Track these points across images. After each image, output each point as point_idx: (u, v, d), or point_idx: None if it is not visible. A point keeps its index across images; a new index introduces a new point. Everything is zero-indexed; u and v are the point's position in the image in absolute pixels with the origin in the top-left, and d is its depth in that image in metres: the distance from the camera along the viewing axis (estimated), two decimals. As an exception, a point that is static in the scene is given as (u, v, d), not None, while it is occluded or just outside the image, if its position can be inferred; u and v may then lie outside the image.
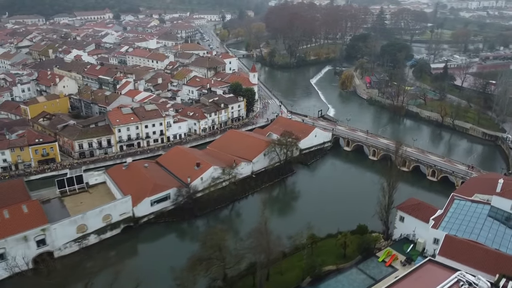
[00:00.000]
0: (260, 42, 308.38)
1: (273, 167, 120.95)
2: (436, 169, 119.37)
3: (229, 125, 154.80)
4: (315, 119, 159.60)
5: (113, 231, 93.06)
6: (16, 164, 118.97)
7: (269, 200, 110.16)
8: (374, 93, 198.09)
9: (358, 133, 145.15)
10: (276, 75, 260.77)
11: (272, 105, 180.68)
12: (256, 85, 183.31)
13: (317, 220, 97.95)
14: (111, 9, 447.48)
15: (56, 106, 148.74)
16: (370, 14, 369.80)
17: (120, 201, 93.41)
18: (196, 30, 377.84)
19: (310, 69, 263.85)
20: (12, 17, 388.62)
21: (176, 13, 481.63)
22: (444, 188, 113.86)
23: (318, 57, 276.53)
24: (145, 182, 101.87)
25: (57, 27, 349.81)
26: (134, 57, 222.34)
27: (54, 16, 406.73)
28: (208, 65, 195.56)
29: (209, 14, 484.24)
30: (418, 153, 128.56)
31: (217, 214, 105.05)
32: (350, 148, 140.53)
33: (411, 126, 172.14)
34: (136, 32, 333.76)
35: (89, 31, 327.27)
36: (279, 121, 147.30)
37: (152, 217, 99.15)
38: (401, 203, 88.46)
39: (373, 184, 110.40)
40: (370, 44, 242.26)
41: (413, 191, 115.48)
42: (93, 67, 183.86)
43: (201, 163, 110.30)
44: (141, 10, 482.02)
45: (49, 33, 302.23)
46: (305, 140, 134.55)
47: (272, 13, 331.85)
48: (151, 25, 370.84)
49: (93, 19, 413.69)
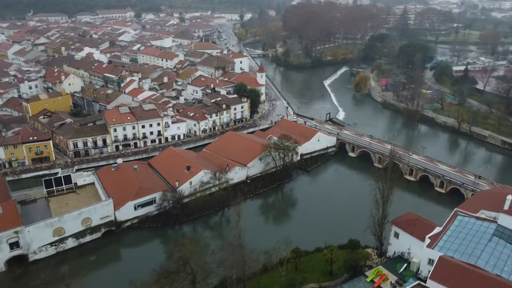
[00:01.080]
0: (277, 42, 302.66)
1: (269, 172, 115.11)
2: (444, 180, 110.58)
3: (231, 126, 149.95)
4: (321, 122, 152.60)
5: (93, 235, 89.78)
6: (9, 162, 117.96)
7: (260, 208, 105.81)
8: (389, 96, 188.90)
9: (364, 138, 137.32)
10: (290, 75, 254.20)
11: (279, 107, 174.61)
12: (264, 85, 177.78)
13: (308, 232, 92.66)
14: (133, 8, 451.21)
15: (58, 103, 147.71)
16: (392, 13, 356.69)
17: (100, 204, 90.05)
18: (214, 29, 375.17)
19: (326, 70, 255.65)
20: (37, 15, 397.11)
21: (197, 12, 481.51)
22: (452, 201, 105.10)
23: (334, 58, 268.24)
24: (130, 185, 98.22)
25: (78, 25, 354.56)
26: (145, 55, 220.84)
27: (76, 14, 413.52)
28: (216, 64, 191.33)
29: (230, 13, 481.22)
30: (426, 162, 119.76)
31: (206, 220, 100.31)
32: (355, 154, 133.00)
33: (425, 132, 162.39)
34: (153, 31, 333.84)
35: (108, 29, 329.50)
36: (281, 123, 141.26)
37: (135, 221, 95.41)
38: (397, 218, 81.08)
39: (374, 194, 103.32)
40: (388, 44, 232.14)
41: (419, 203, 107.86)
42: (100, 65, 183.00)
43: (191, 166, 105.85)
44: (162, 8, 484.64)
45: (68, 31, 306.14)
46: (307, 144, 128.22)
47: (289, 12, 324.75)
48: (169, 24, 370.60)
49: (114, 17, 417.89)
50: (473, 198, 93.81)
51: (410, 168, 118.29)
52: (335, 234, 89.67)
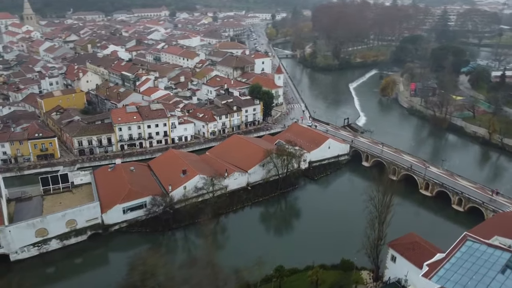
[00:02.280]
0: (307, 42, 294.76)
1: (270, 180, 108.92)
2: (463, 197, 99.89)
3: (242, 129, 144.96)
4: (337, 128, 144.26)
5: (78, 238, 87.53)
6: (15, 157, 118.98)
7: (255, 218, 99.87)
8: (416, 102, 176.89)
9: (380, 147, 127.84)
10: (316, 77, 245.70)
11: (296, 110, 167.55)
12: (281, 87, 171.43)
13: (302, 247, 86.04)
14: (168, 7, 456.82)
15: (71, 100, 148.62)
16: (431, 14, 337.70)
17: (86, 206, 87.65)
18: (245, 29, 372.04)
19: (354, 72, 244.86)
20: (76, 13, 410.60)
21: (231, 11, 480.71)
22: (470, 221, 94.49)
23: (364, 60, 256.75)
24: (121, 187, 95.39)
25: (113, 23, 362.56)
26: (168, 54, 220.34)
27: (113, 12, 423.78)
28: (234, 64, 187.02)
29: (264, 13, 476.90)
30: (445, 176, 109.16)
31: (198, 228, 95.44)
32: (369, 164, 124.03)
33: (452, 142, 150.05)
34: (184, 30, 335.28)
35: (140, 28, 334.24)
36: (292, 128, 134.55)
37: (124, 225, 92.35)
38: (395, 240, 72.74)
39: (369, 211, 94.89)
40: (421, 46, 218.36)
41: (432, 221, 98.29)
42: (119, 63, 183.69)
43: (187, 170, 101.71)
44: (197, 8, 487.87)
45: (101, 29, 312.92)
46: (316, 151, 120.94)
47: (320, 12, 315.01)
48: (200, 23, 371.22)
49: (149, 16, 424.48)
50: (490, 220, 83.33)
51: (426, 182, 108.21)
52: (331, 251, 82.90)
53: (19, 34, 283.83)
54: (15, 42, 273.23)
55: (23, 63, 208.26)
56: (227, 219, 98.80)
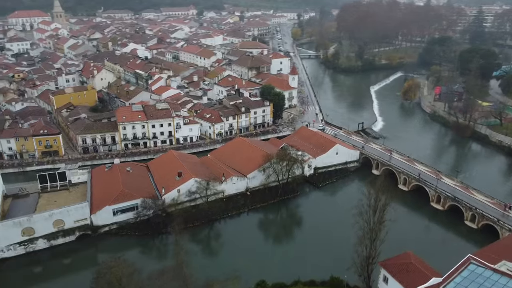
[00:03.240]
0: (331, 43, 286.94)
1: (271, 185, 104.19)
2: (476, 213, 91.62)
3: (250, 131, 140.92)
4: (349, 133, 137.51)
5: (66, 238, 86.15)
6: (21, 153, 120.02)
7: (248, 226, 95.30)
8: (439, 107, 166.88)
9: (393, 154, 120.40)
10: (336, 79, 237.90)
11: (310, 113, 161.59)
12: (295, 88, 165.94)
13: (294, 260, 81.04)
14: (196, 6, 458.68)
15: (82, 98, 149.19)
16: (464, 15, 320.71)
17: (74, 206, 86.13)
18: (270, 28, 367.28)
19: (378, 74, 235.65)
20: (106, 11, 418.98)
21: (259, 10, 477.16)
22: (484, 240, 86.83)
23: (389, 62, 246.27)
24: (114, 188, 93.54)
25: (140, 22, 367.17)
26: (186, 53, 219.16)
27: (142, 11, 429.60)
28: (249, 64, 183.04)
29: (292, 12, 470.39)
30: (460, 189, 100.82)
31: (190, 233, 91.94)
32: (379, 172, 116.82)
33: (474, 152, 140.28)
34: (208, 29, 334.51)
35: (166, 26, 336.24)
36: (301, 132, 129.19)
37: (114, 227, 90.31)
38: (389, 259, 66.54)
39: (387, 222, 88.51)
40: (449, 48, 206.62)
41: (442, 238, 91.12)
42: (134, 61, 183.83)
43: (183, 172, 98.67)
44: (225, 7, 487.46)
45: (127, 27, 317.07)
46: (323, 157, 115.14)
47: (345, 11, 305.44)
48: (225, 22, 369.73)
49: (176, 15, 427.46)
50: (502, 241, 75.39)
51: (437, 194, 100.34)
52: (324, 266, 77.70)
53: (47, 31, 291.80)
54: (43, 39, 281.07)
55: (46, 60, 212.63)
56: (220, 226, 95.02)
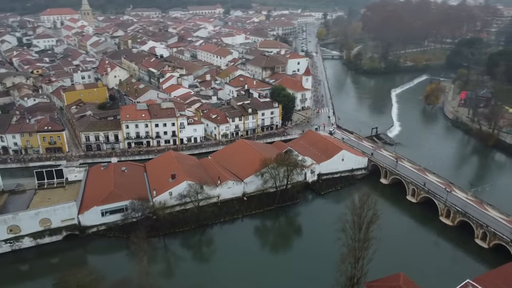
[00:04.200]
0: (356, 43, 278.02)
1: (269, 191, 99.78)
2: (488, 231, 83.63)
3: (258, 133, 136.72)
4: (360, 138, 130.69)
5: (52, 237, 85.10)
6: (25, 149, 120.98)
7: (238, 234, 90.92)
8: (463, 113, 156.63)
9: (404, 163, 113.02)
10: (358, 81, 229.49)
11: (323, 115, 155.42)
12: (309, 90, 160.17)
13: (281, 274, 76.42)
14: (223, 5, 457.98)
15: (93, 95, 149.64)
16: (500, 15, 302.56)
17: (61, 206, 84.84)
18: (295, 28, 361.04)
19: (403, 77, 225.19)
20: (134, 9, 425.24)
21: (287, 9, 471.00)
22: (495, 261, 79.50)
23: (415, 64, 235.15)
24: (105, 188, 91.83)
25: (166, 20, 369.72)
26: (203, 51, 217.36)
27: (169, 9, 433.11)
28: (264, 64, 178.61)
29: (320, 11, 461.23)
30: (473, 204, 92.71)
31: (180, 238, 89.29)
32: (388, 181, 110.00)
33: (496, 163, 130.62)
34: (232, 28, 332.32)
35: (189, 25, 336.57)
36: (307, 135, 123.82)
37: (102, 228, 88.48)
38: (376, 280, 61.07)
39: (389, 238, 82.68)
40: (478, 51, 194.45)
41: (448, 257, 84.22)
42: (149, 59, 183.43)
43: (176, 174, 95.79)
44: (252, 6, 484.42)
45: (151, 25, 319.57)
46: (327, 163, 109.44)
47: (371, 10, 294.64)
48: (250, 21, 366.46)
49: (203, 13, 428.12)
50: (510, 265, 67.63)
51: (447, 208, 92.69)
52: (312, 282, 72.71)
53: (74, 28, 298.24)
54: (70, 36, 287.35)
55: (67, 56, 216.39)
56: (212, 231, 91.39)
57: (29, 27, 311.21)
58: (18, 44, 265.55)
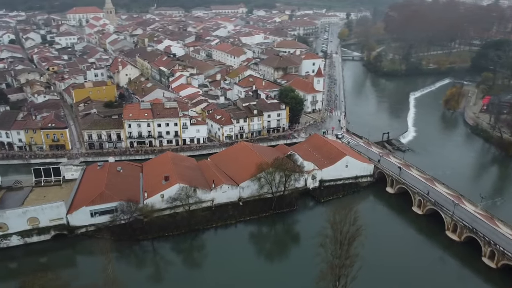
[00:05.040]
0: (378, 44, 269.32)
1: (263, 197, 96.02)
2: (496, 250, 76.90)
3: (263, 135, 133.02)
4: (369, 143, 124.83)
5: (41, 236, 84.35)
6: (29, 145, 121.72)
7: (227, 241, 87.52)
8: (485, 119, 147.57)
9: (412, 171, 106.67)
10: (376, 83, 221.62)
11: (335, 119, 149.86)
12: (321, 92, 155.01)
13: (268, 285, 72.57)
14: (246, 5, 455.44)
15: (102, 93, 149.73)
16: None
17: (49, 205, 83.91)
18: (318, 28, 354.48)
19: (425, 80, 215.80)
20: (158, 8, 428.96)
21: (311, 9, 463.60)
22: (503, 283, 73.46)
23: (438, 66, 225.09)
24: (96, 188, 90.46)
25: (188, 19, 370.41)
26: (218, 51, 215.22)
27: (192, 8, 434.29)
28: (276, 64, 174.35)
29: (345, 11, 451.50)
30: (483, 219, 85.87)
31: (169, 242, 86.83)
32: (394, 191, 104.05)
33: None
34: (253, 27, 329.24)
35: (210, 24, 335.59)
36: (311, 139, 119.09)
37: (92, 229, 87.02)
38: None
39: (390, 253, 78.06)
40: (505, 54, 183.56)
41: (453, 276, 78.04)
42: (161, 58, 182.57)
43: (170, 176, 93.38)
44: (276, 6, 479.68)
45: (172, 24, 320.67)
46: (330, 169, 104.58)
47: (394, 10, 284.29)
48: (271, 21, 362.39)
49: (225, 13, 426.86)
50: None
51: (454, 222, 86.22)
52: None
53: (96, 27, 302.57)
54: (92, 34, 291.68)
55: (86, 53, 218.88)
56: (203, 237, 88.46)
57: (54, 25, 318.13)
58: (42, 41, 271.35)
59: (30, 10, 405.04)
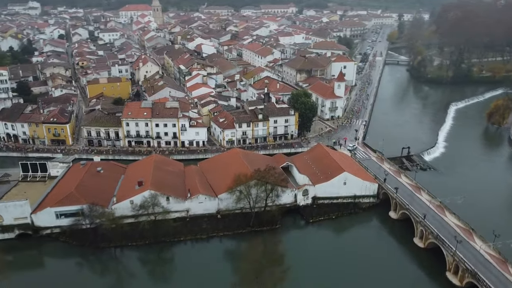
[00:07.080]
0: (428, 48, 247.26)
1: (241, 212, 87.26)
2: (500, 304, 62.04)
3: (269, 142, 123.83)
4: (382, 158, 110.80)
5: (5, 234, 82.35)
6: (33, 139, 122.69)
7: (201, 256, 79.55)
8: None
9: (422, 195, 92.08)
10: (418, 90, 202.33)
11: (351, 128, 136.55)
12: (341, 98, 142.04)
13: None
14: (297, 4, 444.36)
15: (116, 89, 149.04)
16: None
17: (13, 203, 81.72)
18: (367, 29, 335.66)
19: (475, 89, 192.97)
20: (208, 7, 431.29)
21: (365, 10, 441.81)
22: None
23: (492, 74, 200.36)
24: (68, 188, 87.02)
25: (235, 18, 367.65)
26: (247, 50, 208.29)
27: (241, 8, 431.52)
28: (299, 66, 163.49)
29: (403, 12, 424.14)
30: (493, 262, 70.55)
31: (135, 252, 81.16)
32: (397, 216, 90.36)
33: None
34: (297, 27, 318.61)
35: (255, 23, 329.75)
36: (314, 150, 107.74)
37: (57, 231, 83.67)
38: None
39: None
40: None
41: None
42: (183, 56, 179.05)
43: (144, 181, 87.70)
44: (328, 6, 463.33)
45: (214, 22, 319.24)
46: (325, 185, 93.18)
47: (447, 12, 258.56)
48: (318, 21, 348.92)
49: (275, 12, 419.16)
50: None
51: (455, 263, 71.71)
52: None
53: (141, 24, 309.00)
54: (136, 31, 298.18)
55: (122, 50, 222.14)
56: (169, 250, 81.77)
57: (102, 21, 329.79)
58: (88, 37, 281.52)
59: (88, 7, 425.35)
